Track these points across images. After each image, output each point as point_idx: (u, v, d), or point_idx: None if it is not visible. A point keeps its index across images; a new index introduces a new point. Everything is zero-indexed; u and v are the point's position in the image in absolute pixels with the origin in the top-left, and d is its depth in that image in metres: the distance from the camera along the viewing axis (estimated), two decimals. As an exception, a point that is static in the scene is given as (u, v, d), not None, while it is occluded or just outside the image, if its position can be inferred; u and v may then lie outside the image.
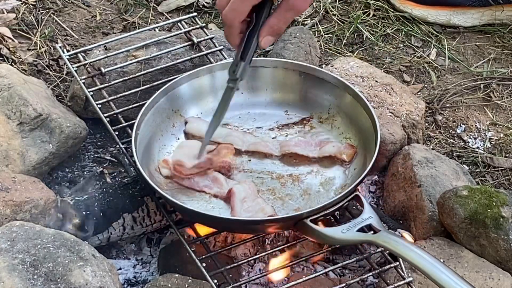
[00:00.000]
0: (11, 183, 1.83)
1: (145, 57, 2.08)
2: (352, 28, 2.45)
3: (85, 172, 2.07)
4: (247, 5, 1.69)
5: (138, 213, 1.86)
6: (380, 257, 1.85)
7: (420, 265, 1.62)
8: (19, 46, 2.31)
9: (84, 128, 2.04)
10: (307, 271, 1.88)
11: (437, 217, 1.90)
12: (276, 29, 1.74)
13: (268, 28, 1.73)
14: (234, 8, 1.69)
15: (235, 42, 1.74)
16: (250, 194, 1.82)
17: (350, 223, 1.71)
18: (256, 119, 2.02)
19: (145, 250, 1.94)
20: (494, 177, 2.13)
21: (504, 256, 1.83)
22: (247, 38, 1.73)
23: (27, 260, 1.65)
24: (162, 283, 1.73)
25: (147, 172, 1.79)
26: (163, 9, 2.47)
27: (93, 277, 1.65)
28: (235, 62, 1.75)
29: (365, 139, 1.89)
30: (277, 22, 1.73)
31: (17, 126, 1.96)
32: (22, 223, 1.72)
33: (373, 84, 2.13)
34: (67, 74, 2.25)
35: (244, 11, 1.69)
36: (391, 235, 1.69)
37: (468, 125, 2.24)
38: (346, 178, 1.88)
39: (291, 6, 1.71)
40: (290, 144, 1.93)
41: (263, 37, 1.73)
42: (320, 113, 2.00)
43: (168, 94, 1.95)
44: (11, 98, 1.97)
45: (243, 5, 1.69)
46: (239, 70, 1.75)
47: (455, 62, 2.41)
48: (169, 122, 1.95)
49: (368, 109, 1.88)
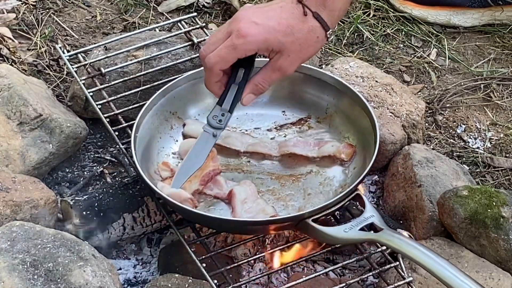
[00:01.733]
0: (11, 183, 1.83)
1: (145, 57, 2.08)
2: (352, 28, 2.45)
3: (85, 172, 2.07)
4: (234, 57, 1.70)
5: (138, 213, 1.86)
6: (380, 257, 1.85)
7: (424, 262, 1.62)
8: (19, 46, 2.31)
9: (84, 128, 2.04)
10: (307, 271, 1.88)
11: (437, 217, 1.90)
12: (260, 88, 1.76)
13: (252, 85, 1.75)
14: (219, 55, 1.70)
15: (215, 90, 1.76)
16: (251, 195, 1.82)
17: (352, 222, 1.71)
18: (254, 120, 2.01)
19: (145, 250, 1.94)
20: (494, 177, 2.13)
21: (504, 256, 1.83)
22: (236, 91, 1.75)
23: (27, 260, 1.64)
24: (162, 283, 1.73)
25: (147, 174, 1.79)
26: (163, 9, 2.47)
27: (93, 277, 1.65)
28: (221, 112, 1.77)
29: (364, 138, 1.89)
30: (262, 81, 1.75)
31: (17, 126, 1.96)
32: (22, 223, 1.72)
33: (373, 84, 2.13)
34: (67, 75, 2.25)
35: (228, 60, 1.71)
36: (394, 233, 1.69)
37: (468, 125, 2.24)
38: (346, 177, 1.88)
39: (278, 68, 1.73)
40: (289, 144, 1.93)
41: (246, 94, 1.76)
42: (318, 113, 2.00)
43: (166, 96, 1.94)
44: (11, 98, 1.97)
45: (231, 55, 1.70)
46: (226, 121, 1.78)
47: (455, 62, 2.41)
48: (168, 124, 1.95)
49: (366, 108, 1.88)
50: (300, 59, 1.74)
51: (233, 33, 1.68)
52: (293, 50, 1.71)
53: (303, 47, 1.71)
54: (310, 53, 1.75)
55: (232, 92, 1.76)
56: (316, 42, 1.73)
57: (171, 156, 1.93)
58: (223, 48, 1.69)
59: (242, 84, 1.76)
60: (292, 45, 1.70)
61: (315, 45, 1.73)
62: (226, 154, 1.94)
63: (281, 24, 1.69)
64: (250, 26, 1.68)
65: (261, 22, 1.68)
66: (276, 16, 1.69)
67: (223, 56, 1.70)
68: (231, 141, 1.94)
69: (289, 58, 1.71)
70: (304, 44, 1.71)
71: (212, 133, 1.79)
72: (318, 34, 1.72)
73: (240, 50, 1.69)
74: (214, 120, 1.78)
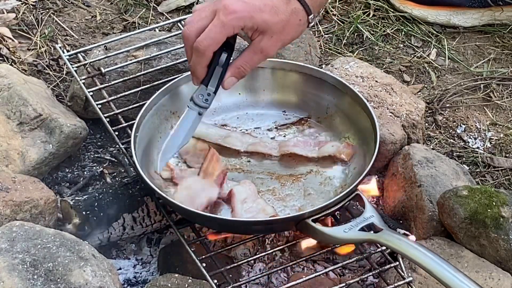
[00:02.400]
0: (11, 183, 1.83)
1: (145, 57, 2.08)
2: (352, 28, 2.45)
3: (85, 172, 2.07)
4: (224, 35, 1.70)
5: (138, 213, 1.86)
6: (380, 257, 1.85)
7: (423, 263, 1.62)
8: (19, 46, 2.31)
9: (84, 128, 2.04)
10: (307, 271, 1.88)
11: (437, 217, 1.90)
12: (242, 71, 1.76)
13: (234, 68, 1.76)
14: (211, 37, 1.69)
15: (202, 73, 1.76)
16: (251, 194, 1.82)
17: (352, 222, 1.71)
18: (254, 120, 2.01)
19: (145, 250, 1.94)
20: (494, 177, 2.13)
21: (504, 256, 1.83)
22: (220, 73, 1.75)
23: (27, 260, 1.64)
24: (162, 283, 1.73)
25: (146, 174, 1.79)
26: (163, 9, 2.47)
27: (93, 277, 1.65)
28: (207, 91, 1.77)
29: (364, 138, 1.89)
30: (243, 63, 1.75)
31: (17, 126, 1.96)
32: (22, 223, 1.72)
33: (373, 84, 2.13)
34: (67, 74, 2.25)
35: (220, 40, 1.70)
36: (394, 234, 1.69)
37: (468, 125, 2.24)
38: (346, 177, 1.88)
39: (260, 49, 1.73)
40: (289, 144, 1.93)
41: (228, 77, 1.76)
42: (318, 113, 2.00)
43: (167, 96, 1.94)
44: (11, 98, 1.97)
45: (221, 33, 1.69)
46: (210, 100, 1.78)
47: (455, 62, 2.41)
48: (168, 124, 1.95)
49: (367, 108, 1.88)
50: (281, 41, 1.75)
51: (220, 11, 1.68)
52: (276, 31, 1.71)
53: (285, 29, 1.72)
54: (292, 36, 1.76)
55: (217, 75, 1.76)
56: (298, 25, 1.74)
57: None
58: (213, 28, 1.69)
59: (225, 66, 1.75)
60: (276, 25, 1.71)
61: (297, 28, 1.75)
62: (226, 154, 1.94)
63: (266, 5, 1.70)
64: (236, 3, 1.69)
65: (247, 0, 1.69)
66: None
67: (214, 37, 1.70)
68: (231, 141, 1.94)
69: (271, 39, 1.72)
70: (287, 26, 1.72)
71: (198, 111, 1.79)
72: (301, 17, 1.74)
73: (228, 27, 1.69)
74: (200, 99, 1.78)
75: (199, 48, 1.71)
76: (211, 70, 1.76)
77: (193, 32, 1.72)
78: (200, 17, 1.72)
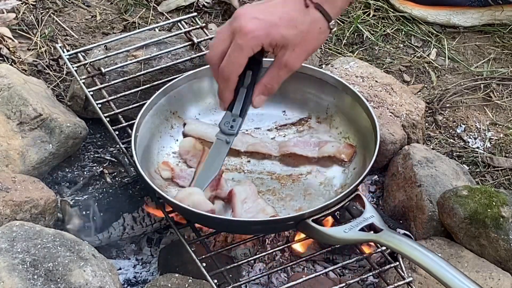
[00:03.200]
0: (11, 183, 1.83)
1: (145, 57, 2.08)
2: (352, 28, 2.45)
3: (85, 172, 2.07)
4: (245, 57, 1.68)
5: (138, 213, 1.86)
6: (380, 257, 1.85)
7: (424, 263, 1.62)
8: (19, 46, 2.31)
9: (84, 128, 2.04)
10: (307, 271, 1.88)
11: (437, 217, 1.90)
12: (269, 88, 1.73)
13: (261, 86, 1.73)
14: (232, 61, 1.67)
15: (229, 98, 1.74)
16: (251, 195, 1.82)
17: (352, 222, 1.71)
18: (254, 120, 2.01)
19: (145, 250, 1.94)
20: (494, 177, 2.13)
21: (504, 256, 1.83)
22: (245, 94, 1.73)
23: (27, 260, 1.64)
24: (162, 283, 1.73)
25: (147, 173, 1.79)
26: (163, 9, 2.47)
27: (93, 277, 1.65)
28: (232, 117, 1.75)
29: (364, 138, 1.89)
30: (270, 80, 1.72)
31: (17, 126, 1.96)
32: (22, 223, 1.72)
33: (373, 84, 2.13)
34: (67, 74, 2.25)
35: (242, 63, 1.68)
36: (394, 234, 1.69)
37: (468, 125, 2.24)
38: (346, 177, 1.88)
39: (284, 64, 1.70)
40: (289, 144, 1.93)
41: (256, 95, 1.73)
42: (318, 113, 2.00)
43: (167, 95, 1.94)
44: (11, 98, 1.97)
45: (241, 57, 1.67)
46: (237, 126, 1.76)
47: (455, 62, 2.41)
48: (168, 124, 1.95)
49: (367, 108, 1.88)
50: (305, 52, 1.72)
51: (236, 34, 1.66)
52: (297, 43, 1.69)
53: (307, 40, 1.69)
54: (315, 46, 1.73)
55: (241, 96, 1.74)
56: (319, 33, 1.71)
57: (171, 156, 1.93)
58: (232, 53, 1.67)
59: (250, 87, 1.74)
60: (296, 38, 1.68)
61: (318, 36, 1.72)
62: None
63: (283, 18, 1.67)
64: (251, 22, 1.66)
65: (263, 17, 1.67)
66: (277, 10, 1.68)
67: (235, 62, 1.68)
68: (231, 141, 1.94)
69: (294, 52, 1.69)
70: (308, 36, 1.69)
71: (225, 140, 1.78)
72: (321, 25, 1.71)
73: (247, 49, 1.66)
74: (226, 127, 1.77)
75: (224, 75, 1.69)
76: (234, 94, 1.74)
77: (215, 56, 1.70)
78: (219, 40, 1.70)
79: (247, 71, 1.72)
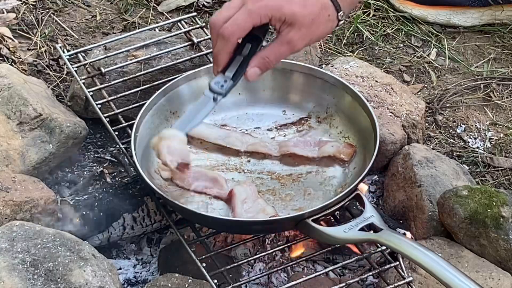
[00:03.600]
0: (11, 183, 1.83)
1: (145, 57, 2.08)
2: (352, 28, 2.45)
3: (85, 172, 2.07)
4: (251, 22, 1.66)
5: (138, 213, 1.86)
6: (380, 257, 1.85)
7: (423, 263, 1.62)
8: (19, 46, 2.31)
9: (84, 128, 2.04)
10: (307, 271, 1.88)
11: (437, 217, 1.90)
12: (266, 62, 1.71)
13: (258, 59, 1.71)
14: (236, 23, 1.66)
15: (224, 60, 1.71)
16: (251, 195, 1.82)
17: (352, 222, 1.71)
18: (254, 120, 2.01)
19: (145, 250, 1.94)
20: (494, 177, 2.13)
21: (504, 256, 1.83)
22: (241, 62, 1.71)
23: (27, 260, 1.64)
24: (162, 283, 1.73)
25: (147, 174, 1.79)
26: (163, 9, 2.47)
27: (93, 277, 1.65)
28: (224, 79, 1.72)
29: (364, 138, 1.89)
30: (269, 54, 1.71)
31: (17, 126, 1.96)
32: (22, 223, 1.72)
33: (373, 84, 2.13)
34: (67, 74, 2.25)
35: (246, 27, 1.67)
36: (394, 234, 1.69)
37: (468, 125, 2.24)
38: (346, 177, 1.88)
39: (287, 41, 1.69)
40: (289, 144, 1.93)
41: (251, 67, 1.71)
42: (318, 112, 2.00)
43: (166, 95, 1.94)
44: (11, 98, 1.97)
45: (247, 20, 1.66)
46: (227, 88, 1.73)
47: (455, 62, 2.41)
48: (168, 124, 1.95)
49: (367, 108, 1.88)
50: (310, 36, 1.70)
51: (249, 1, 1.66)
52: (305, 24, 1.67)
53: (314, 23, 1.69)
54: (321, 32, 1.72)
55: (236, 62, 1.71)
56: (327, 20, 1.70)
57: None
58: (239, 16, 1.66)
59: (247, 58, 1.71)
60: (305, 18, 1.67)
61: (326, 23, 1.71)
62: (226, 153, 1.94)
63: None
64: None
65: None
66: None
67: (240, 24, 1.66)
68: (231, 141, 1.94)
69: (299, 32, 1.68)
70: (316, 20, 1.69)
71: (212, 97, 1.75)
72: (330, 13, 1.70)
73: (256, 15, 1.65)
74: (215, 85, 1.73)
75: (224, 34, 1.67)
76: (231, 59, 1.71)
77: (220, 20, 1.68)
78: (228, 8, 1.69)
79: (246, 43, 1.71)
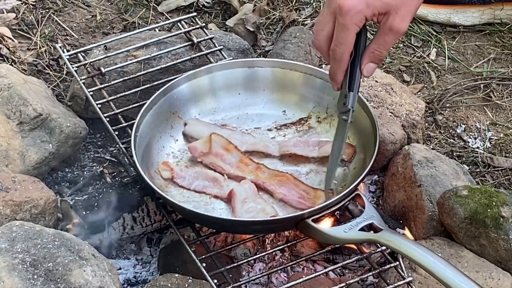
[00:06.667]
0: (11, 183, 1.83)
1: (145, 57, 2.08)
2: (352, 28, 2.45)
3: (85, 172, 2.07)
4: (353, 35, 1.66)
5: (138, 213, 1.86)
6: (380, 257, 1.85)
7: (423, 263, 1.62)
8: (19, 46, 2.31)
9: (84, 128, 2.04)
10: (307, 271, 1.88)
11: (437, 217, 1.90)
12: (378, 55, 1.71)
13: (369, 54, 1.71)
14: (341, 42, 1.66)
15: (341, 78, 1.72)
16: (251, 194, 1.82)
17: (352, 222, 1.71)
18: (254, 120, 2.01)
19: (145, 250, 1.94)
20: (494, 177, 2.13)
21: (504, 256, 1.83)
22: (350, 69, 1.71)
23: (27, 260, 1.64)
24: (162, 283, 1.73)
25: (147, 174, 1.79)
26: (163, 9, 2.47)
27: (93, 277, 1.65)
28: (343, 94, 1.74)
29: (364, 138, 1.89)
30: (377, 47, 1.70)
31: (17, 126, 1.96)
32: (22, 223, 1.72)
33: (373, 84, 2.13)
34: (67, 74, 2.25)
35: (351, 41, 1.67)
36: (394, 234, 1.69)
37: (468, 125, 2.24)
38: (346, 177, 1.88)
39: (389, 28, 1.66)
40: (289, 144, 1.93)
41: (365, 64, 1.71)
42: (318, 112, 2.00)
43: (166, 96, 1.94)
44: (11, 98, 1.97)
45: (348, 36, 1.66)
46: (350, 101, 1.74)
47: (455, 62, 2.41)
48: (168, 124, 1.95)
49: (366, 108, 1.88)
50: (409, 12, 1.67)
51: (337, 14, 1.64)
52: (399, 5, 1.65)
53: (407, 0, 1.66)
54: (416, 3, 1.68)
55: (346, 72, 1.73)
56: None
57: (171, 156, 1.93)
58: (338, 34, 1.65)
59: (355, 60, 1.71)
60: (395, 0, 1.64)
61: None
62: (226, 154, 1.94)
63: None
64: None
65: None
66: None
67: (344, 42, 1.66)
68: (231, 141, 1.94)
69: (397, 15, 1.65)
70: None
71: (342, 118, 1.77)
72: None
73: (352, 27, 1.64)
74: (340, 105, 1.76)
75: (336, 57, 1.68)
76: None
77: (322, 41, 1.69)
78: (321, 24, 1.68)
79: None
